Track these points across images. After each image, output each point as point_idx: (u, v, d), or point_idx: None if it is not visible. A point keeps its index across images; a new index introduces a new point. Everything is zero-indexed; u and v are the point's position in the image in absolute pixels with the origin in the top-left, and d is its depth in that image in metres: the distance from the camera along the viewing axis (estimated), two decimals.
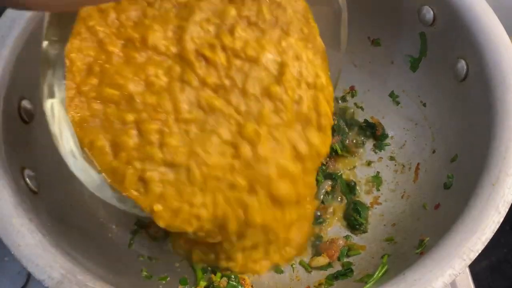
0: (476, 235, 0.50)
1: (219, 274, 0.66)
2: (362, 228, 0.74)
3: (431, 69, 0.74)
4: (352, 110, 0.86)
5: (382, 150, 0.81)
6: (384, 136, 0.82)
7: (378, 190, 0.78)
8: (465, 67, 0.65)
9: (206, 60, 0.53)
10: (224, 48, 0.53)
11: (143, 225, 0.73)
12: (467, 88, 0.65)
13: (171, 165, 0.52)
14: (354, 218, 0.74)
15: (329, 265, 0.70)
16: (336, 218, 0.77)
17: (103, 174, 0.52)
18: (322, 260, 0.69)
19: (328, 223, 0.76)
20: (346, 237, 0.74)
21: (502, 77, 0.59)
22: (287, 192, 0.54)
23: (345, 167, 0.82)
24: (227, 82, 0.53)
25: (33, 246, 0.50)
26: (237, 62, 0.53)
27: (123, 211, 0.53)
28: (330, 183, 0.79)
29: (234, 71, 0.54)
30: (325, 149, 0.57)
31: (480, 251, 0.50)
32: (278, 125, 0.54)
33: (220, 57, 0.53)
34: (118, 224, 0.72)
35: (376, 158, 0.81)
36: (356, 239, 0.74)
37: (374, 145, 0.82)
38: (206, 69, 0.53)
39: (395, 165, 0.79)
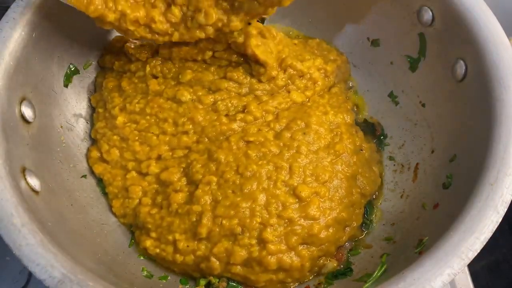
0: (475, 234, 0.51)
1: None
2: (366, 228, 0.73)
3: (430, 70, 0.74)
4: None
5: (381, 150, 0.81)
6: (383, 136, 0.82)
7: None
8: (464, 67, 0.66)
9: None
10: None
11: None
12: (466, 88, 0.66)
13: None
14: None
15: (339, 268, 0.69)
16: None
17: None
18: (331, 265, 0.69)
19: None
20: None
21: (501, 78, 0.59)
22: None
23: None
24: None
25: (34, 246, 0.50)
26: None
27: None
28: None
29: None
30: None
31: (478, 251, 0.50)
32: None
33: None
34: (119, 224, 0.72)
35: None
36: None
37: None
38: None
39: (394, 165, 0.79)
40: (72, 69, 0.75)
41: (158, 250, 0.66)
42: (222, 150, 0.68)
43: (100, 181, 0.74)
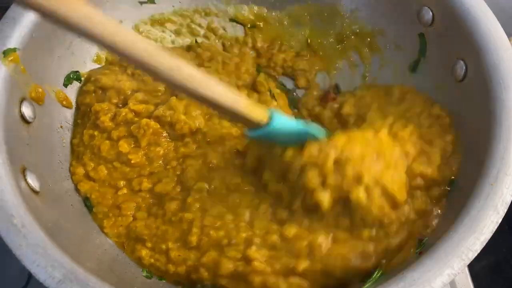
0: (475, 235, 0.51)
1: None
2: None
3: (430, 70, 0.74)
4: None
5: None
6: None
7: None
8: (464, 67, 0.65)
9: None
10: None
11: None
12: (466, 88, 0.65)
13: None
14: None
15: None
16: None
17: None
18: None
19: None
20: None
21: (501, 78, 0.59)
22: None
23: None
24: None
25: (34, 246, 0.50)
26: None
27: None
28: None
29: None
30: None
31: (479, 251, 0.50)
32: None
33: None
34: None
35: None
36: None
37: None
38: None
39: None
40: (73, 69, 0.75)
41: (152, 260, 0.64)
42: (215, 154, 0.67)
43: (86, 199, 0.69)
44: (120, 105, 0.72)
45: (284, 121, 0.57)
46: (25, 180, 0.57)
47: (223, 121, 0.70)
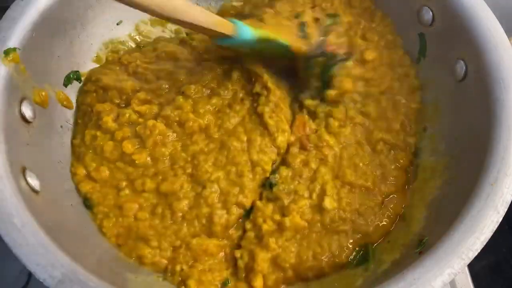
0: (475, 234, 0.51)
1: None
2: None
3: (431, 70, 0.74)
4: None
5: None
6: None
7: None
8: (464, 67, 0.66)
9: None
10: None
11: None
12: (466, 88, 0.66)
13: None
14: None
15: None
16: None
17: None
18: None
19: None
20: None
21: (501, 78, 0.59)
22: None
23: None
24: None
25: (34, 246, 0.50)
26: None
27: None
28: None
29: None
30: None
31: (479, 251, 0.50)
32: None
33: None
34: None
35: None
36: None
37: None
38: None
39: None
40: (73, 69, 0.75)
41: (156, 259, 0.64)
42: (233, 136, 0.69)
43: (86, 199, 0.68)
44: (123, 105, 0.72)
45: (250, 32, 0.68)
46: (25, 180, 0.57)
47: (234, 106, 0.71)
